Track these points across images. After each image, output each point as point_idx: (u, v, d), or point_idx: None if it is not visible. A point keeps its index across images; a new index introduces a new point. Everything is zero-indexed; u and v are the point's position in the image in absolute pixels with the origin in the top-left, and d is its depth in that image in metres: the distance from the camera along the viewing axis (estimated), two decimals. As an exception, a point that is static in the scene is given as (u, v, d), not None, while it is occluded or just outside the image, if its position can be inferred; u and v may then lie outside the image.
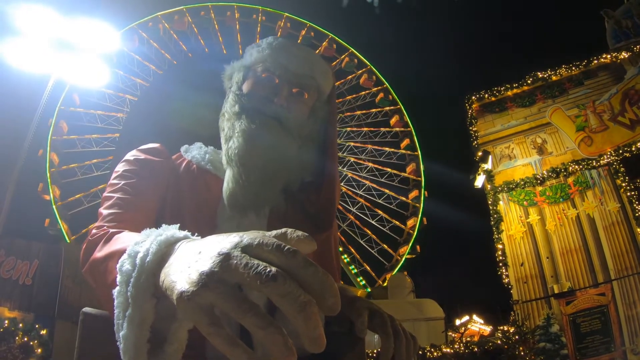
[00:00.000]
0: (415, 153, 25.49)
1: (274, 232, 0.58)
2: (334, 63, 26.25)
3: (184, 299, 0.54)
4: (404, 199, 25.31)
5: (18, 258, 10.49)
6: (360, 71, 26.65)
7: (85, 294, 10.04)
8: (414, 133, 25.64)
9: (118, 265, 0.71)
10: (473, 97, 13.63)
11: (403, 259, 23.83)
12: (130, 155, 1.29)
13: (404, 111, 25.88)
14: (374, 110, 26.64)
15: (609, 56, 12.49)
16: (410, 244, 24.02)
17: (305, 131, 1.26)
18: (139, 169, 1.24)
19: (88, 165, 22.53)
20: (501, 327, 9.76)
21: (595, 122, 11.98)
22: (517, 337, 9.18)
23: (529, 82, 13.16)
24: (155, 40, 24.87)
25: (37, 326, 9.16)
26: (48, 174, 20.26)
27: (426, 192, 24.85)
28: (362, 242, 25.45)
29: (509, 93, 13.37)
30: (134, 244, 0.72)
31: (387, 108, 26.14)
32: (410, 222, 24.86)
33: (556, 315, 10.20)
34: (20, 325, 8.98)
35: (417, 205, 24.72)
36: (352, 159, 26.35)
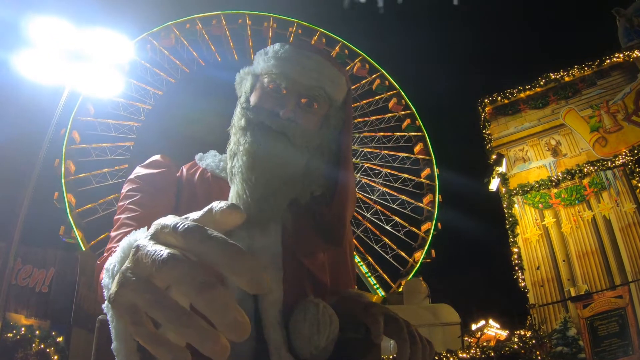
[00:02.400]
0: (429, 157, 25.70)
1: (200, 212, 0.55)
2: (364, 82, 27.18)
3: (110, 302, 0.53)
4: (419, 203, 25.44)
5: (34, 266, 10.61)
6: (389, 93, 27.23)
7: (101, 301, 10.13)
8: (434, 160, 25.78)
9: (102, 281, 0.72)
10: (486, 100, 13.55)
11: (418, 264, 23.85)
12: (133, 174, 1.31)
13: (428, 139, 26.31)
14: (388, 115, 27.10)
15: (621, 55, 12.36)
16: (425, 249, 24.06)
17: (316, 142, 1.22)
18: (141, 185, 1.26)
19: (103, 173, 22.78)
20: (518, 332, 9.68)
21: (610, 122, 11.85)
22: (533, 341, 9.10)
23: (541, 83, 13.06)
24: (188, 43, 25.82)
25: (53, 333, 9.26)
26: (63, 182, 20.53)
27: (440, 197, 24.96)
28: (377, 247, 25.67)
29: (522, 95, 13.28)
30: (113, 256, 0.73)
31: (412, 133, 26.67)
32: (424, 227, 24.92)
33: (573, 318, 10.08)
34: (37, 332, 9.08)
35: (432, 209, 24.77)
36: (367, 165, 26.66)
